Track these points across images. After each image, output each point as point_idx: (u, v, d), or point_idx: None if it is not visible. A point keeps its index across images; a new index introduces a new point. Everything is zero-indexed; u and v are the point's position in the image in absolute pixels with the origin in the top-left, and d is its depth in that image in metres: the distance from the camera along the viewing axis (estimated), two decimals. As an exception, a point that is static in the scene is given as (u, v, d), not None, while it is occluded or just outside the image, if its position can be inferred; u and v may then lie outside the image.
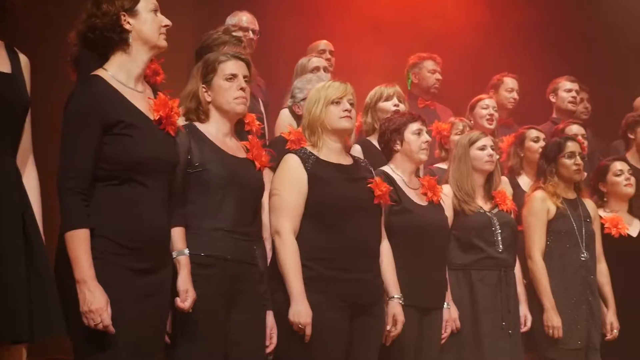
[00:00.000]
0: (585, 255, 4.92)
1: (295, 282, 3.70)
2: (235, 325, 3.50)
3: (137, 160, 3.20)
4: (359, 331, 3.83)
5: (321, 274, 3.76)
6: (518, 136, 5.55)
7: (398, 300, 4.01)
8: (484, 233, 4.67)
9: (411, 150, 4.42)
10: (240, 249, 3.56)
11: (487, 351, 4.53)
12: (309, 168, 3.85)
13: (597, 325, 4.90)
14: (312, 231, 3.80)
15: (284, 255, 3.74)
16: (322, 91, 3.98)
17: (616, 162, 5.34)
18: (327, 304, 3.73)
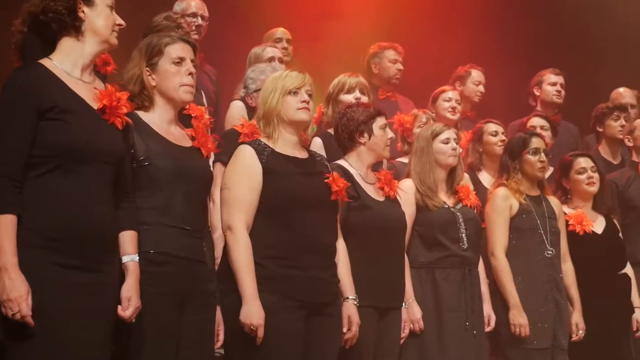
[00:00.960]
0: (551, 252, 4.91)
1: (248, 281, 3.63)
2: (186, 326, 3.43)
3: (70, 146, 3.12)
4: (315, 332, 3.77)
5: (275, 272, 3.70)
6: (476, 131, 5.53)
7: (353, 302, 3.96)
8: (448, 230, 4.64)
9: (377, 145, 4.37)
10: (192, 246, 3.49)
11: (451, 352, 4.50)
12: (263, 160, 3.78)
13: (564, 324, 4.88)
14: (266, 228, 3.73)
15: (236, 252, 3.67)
16: (279, 80, 3.91)
17: (580, 158, 5.30)
18: (281, 304, 3.67)
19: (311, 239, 3.77)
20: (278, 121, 3.87)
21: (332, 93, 4.95)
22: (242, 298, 3.61)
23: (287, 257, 3.72)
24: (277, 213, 3.74)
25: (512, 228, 4.90)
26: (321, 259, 3.82)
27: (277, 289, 3.68)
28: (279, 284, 3.69)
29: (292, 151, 3.89)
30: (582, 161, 5.28)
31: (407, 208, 4.54)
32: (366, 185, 4.35)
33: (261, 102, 3.94)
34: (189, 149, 3.58)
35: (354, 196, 4.21)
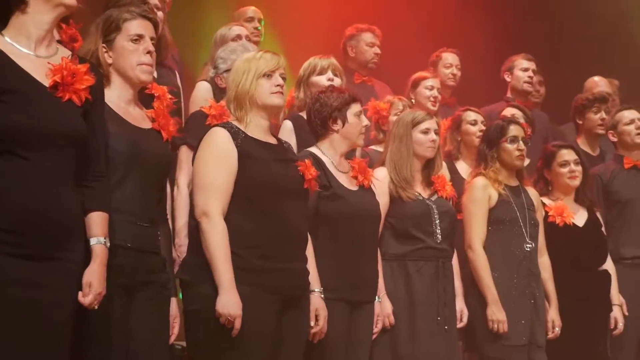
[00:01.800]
0: (531, 246, 4.87)
1: (225, 270, 3.55)
2: (136, 319, 3.37)
3: (12, 129, 2.97)
4: (285, 326, 3.72)
5: (252, 263, 3.63)
6: (454, 119, 5.47)
7: (319, 295, 3.92)
8: (422, 222, 4.59)
9: (351, 133, 4.30)
10: (143, 236, 3.41)
11: (423, 347, 4.47)
12: (239, 144, 3.70)
13: (541, 320, 4.86)
14: (241, 215, 3.66)
15: (213, 239, 3.58)
16: (253, 62, 3.83)
17: (563, 150, 5.26)
18: (256, 296, 3.60)
19: (286, 227, 3.71)
20: (250, 105, 3.79)
21: (304, 75, 4.89)
22: (219, 287, 3.54)
23: (265, 248, 3.66)
24: (253, 200, 3.67)
25: (491, 220, 4.86)
26: (297, 250, 3.78)
27: (253, 281, 3.61)
28: (256, 275, 3.63)
29: (263, 136, 3.82)
30: (565, 153, 5.24)
31: (381, 198, 4.48)
32: (339, 174, 4.28)
33: (232, 84, 3.85)
34: (147, 131, 3.50)
35: (325, 185, 4.15)
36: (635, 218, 5.52)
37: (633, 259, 5.46)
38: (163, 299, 3.49)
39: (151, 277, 3.42)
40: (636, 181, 5.61)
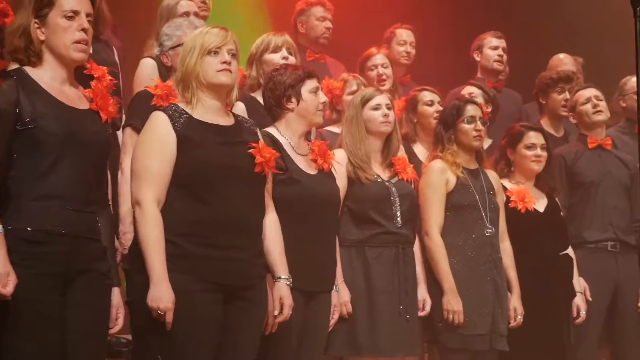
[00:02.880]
0: (491, 231, 4.85)
1: (156, 261, 3.50)
2: (73, 309, 3.32)
3: None
4: (233, 318, 3.66)
5: (189, 251, 3.57)
6: (409, 100, 5.41)
7: (285, 282, 3.86)
8: (381, 205, 4.55)
9: (307, 111, 4.24)
10: (78, 222, 3.34)
11: (382, 337, 4.44)
12: (178, 128, 3.63)
13: (503, 308, 4.84)
14: (180, 202, 3.60)
15: (144, 229, 3.53)
16: (199, 38, 3.74)
17: (531, 132, 5.22)
18: (194, 285, 3.55)
19: (230, 215, 3.63)
20: (197, 85, 3.71)
21: (256, 53, 4.82)
22: (150, 279, 3.50)
23: (203, 235, 3.59)
24: (191, 186, 3.61)
25: (449, 205, 4.82)
26: (242, 238, 3.69)
27: (190, 269, 3.56)
28: (193, 263, 3.57)
29: (213, 118, 3.73)
30: (533, 136, 5.20)
31: (340, 181, 4.43)
32: (297, 156, 4.24)
33: (179, 64, 3.78)
34: (84, 112, 3.42)
35: (281, 168, 4.09)
36: (600, 200, 5.52)
37: (596, 242, 5.46)
38: (103, 288, 3.44)
39: (90, 265, 3.36)
40: (601, 162, 5.61)
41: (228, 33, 3.76)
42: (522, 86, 6.51)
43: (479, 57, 6.44)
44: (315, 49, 6.25)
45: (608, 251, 5.44)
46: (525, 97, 6.53)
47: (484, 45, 6.41)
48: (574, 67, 6.68)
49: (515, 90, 6.59)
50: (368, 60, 5.77)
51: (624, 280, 5.36)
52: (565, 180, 5.52)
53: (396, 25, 6.45)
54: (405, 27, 6.44)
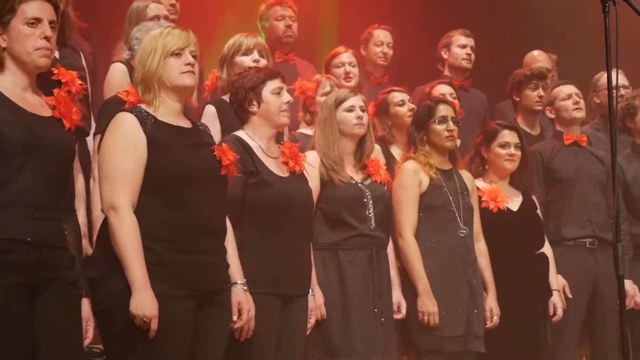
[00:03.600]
0: (465, 231, 4.87)
1: (137, 267, 3.47)
2: (40, 320, 3.29)
3: None
4: (205, 323, 3.65)
5: (165, 258, 3.56)
6: (379, 104, 5.41)
7: (242, 287, 3.85)
8: (354, 207, 4.55)
9: (270, 112, 4.24)
10: (44, 230, 3.31)
11: (358, 341, 4.44)
12: (147, 130, 3.62)
13: (479, 309, 4.85)
14: (152, 207, 3.58)
15: (123, 235, 3.50)
16: (160, 40, 3.73)
17: (506, 130, 5.25)
18: (170, 293, 3.54)
19: (204, 219, 3.64)
20: (159, 86, 3.71)
21: (227, 55, 4.83)
22: (132, 286, 3.46)
23: (179, 240, 3.58)
24: (164, 190, 3.59)
25: (422, 205, 4.84)
26: (214, 242, 3.71)
27: (167, 276, 3.54)
28: (170, 270, 3.55)
29: (175, 120, 3.73)
30: (507, 135, 5.22)
31: (312, 183, 4.44)
32: (267, 159, 4.24)
33: (139, 65, 3.77)
34: (47, 119, 3.40)
35: (252, 172, 4.10)
36: (577, 197, 5.54)
37: (575, 239, 5.49)
38: (72, 298, 3.41)
39: (57, 274, 3.33)
40: (577, 158, 5.64)
41: (190, 34, 3.76)
42: (496, 84, 6.54)
43: (446, 54, 6.46)
44: (282, 49, 6.26)
45: (586, 248, 5.47)
46: (498, 95, 6.55)
47: (452, 43, 6.45)
48: (548, 64, 6.72)
49: (488, 88, 6.62)
50: (335, 57, 5.78)
51: (602, 277, 5.38)
52: (542, 177, 5.54)
53: (373, 26, 6.47)
54: (382, 28, 6.45)
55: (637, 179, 5.71)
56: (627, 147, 5.87)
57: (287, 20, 6.25)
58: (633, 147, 5.83)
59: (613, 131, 3.55)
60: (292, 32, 6.27)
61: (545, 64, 6.66)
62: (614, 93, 3.53)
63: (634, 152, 5.81)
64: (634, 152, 5.81)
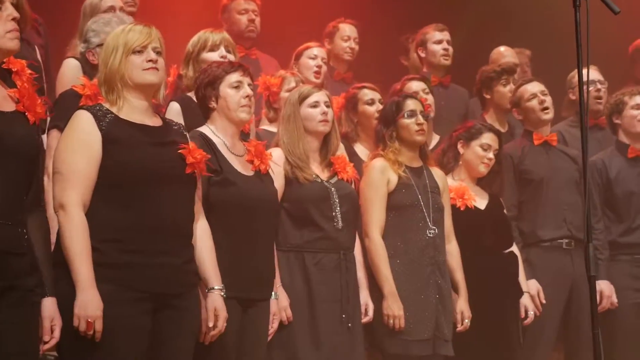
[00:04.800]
0: (434, 232, 4.85)
1: (83, 267, 3.45)
2: None
3: None
4: (163, 328, 3.62)
5: (115, 259, 3.53)
6: (349, 98, 5.38)
7: (219, 292, 3.83)
8: (320, 206, 4.54)
9: (228, 108, 4.22)
10: (2, 236, 3.26)
11: (324, 347, 4.43)
12: (103, 128, 3.59)
13: (447, 312, 4.84)
14: (105, 206, 3.56)
15: (70, 234, 3.49)
16: (121, 37, 3.71)
17: (490, 133, 5.24)
18: (122, 295, 3.51)
19: (160, 219, 3.60)
20: (122, 85, 3.69)
21: (193, 52, 4.79)
22: (77, 287, 3.45)
23: (130, 241, 3.55)
24: (118, 189, 3.57)
25: (390, 205, 4.82)
26: (171, 243, 3.66)
27: (116, 277, 3.52)
28: (119, 272, 3.53)
29: (140, 118, 3.71)
30: (490, 138, 5.22)
31: (277, 181, 4.42)
32: (232, 157, 4.20)
33: (101, 65, 3.75)
34: (10, 114, 3.35)
35: (216, 170, 4.06)
36: (551, 197, 5.55)
37: (551, 240, 5.50)
38: (29, 305, 3.35)
39: (15, 282, 3.28)
40: (548, 158, 5.64)
41: (152, 30, 3.74)
42: (468, 81, 6.55)
43: (423, 53, 6.45)
44: (244, 44, 6.23)
45: (563, 249, 5.49)
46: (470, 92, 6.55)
47: (428, 41, 6.42)
48: (516, 60, 6.73)
49: (460, 85, 6.62)
50: (309, 49, 5.79)
51: (579, 278, 5.38)
52: (513, 178, 5.53)
53: (339, 20, 6.45)
54: (348, 22, 6.44)
55: (619, 176, 5.73)
56: (608, 144, 5.90)
57: (250, 14, 6.24)
58: (617, 144, 5.85)
59: (584, 127, 3.55)
60: (254, 27, 6.26)
61: (512, 59, 6.68)
62: (585, 88, 3.51)
63: (617, 149, 5.83)
64: (617, 149, 5.83)
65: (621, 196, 5.70)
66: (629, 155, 5.78)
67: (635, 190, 5.70)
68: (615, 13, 3.58)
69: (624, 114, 5.81)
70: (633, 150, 5.78)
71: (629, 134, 5.81)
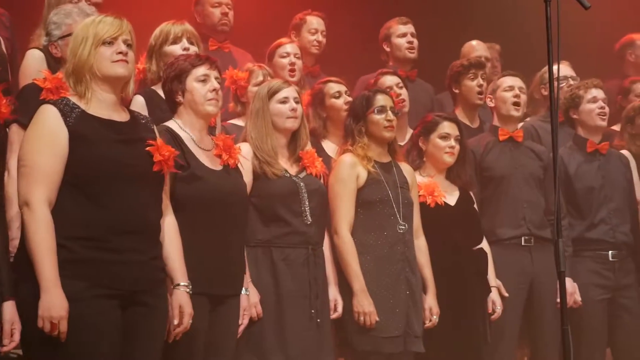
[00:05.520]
0: (404, 227, 4.85)
1: (47, 267, 3.42)
2: None
3: None
4: (132, 325, 3.60)
5: (83, 256, 3.51)
6: (315, 93, 5.35)
7: (185, 289, 3.81)
8: (289, 201, 4.53)
9: (195, 102, 4.19)
10: None
11: (292, 344, 4.42)
12: (70, 123, 3.56)
13: (418, 309, 4.84)
14: (72, 203, 3.53)
15: (34, 232, 3.46)
16: (91, 27, 3.67)
17: (446, 122, 5.22)
18: (90, 292, 3.49)
19: (127, 216, 3.58)
20: (90, 77, 3.66)
21: (155, 45, 4.76)
22: (41, 286, 3.42)
23: (97, 238, 3.53)
24: (85, 186, 3.54)
25: (360, 201, 4.81)
26: (139, 240, 3.64)
27: (84, 274, 3.49)
28: (87, 268, 3.50)
29: (108, 113, 3.67)
30: (448, 126, 5.20)
31: (245, 176, 4.39)
32: (199, 151, 4.18)
33: (70, 55, 3.71)
34: None
35: (183, 165, 4.03)
36: (511, 195, 5.53)
37: (510, 239, 5.48)
38: None
39: None
40: (511, 155, 5.62)
41: (123, 22, 3.71)
42: (438, 76, 6.54)
43: (388, 47, 6.45)
44: (217, 37, 6.21)
45: (522, 246, 5.47)
46: (440, 87, 6.54)
47: (392, 35, 6.43)
48: (487, 54, 6.74)
49: (429, 80, 6.61)
50: (280, 47, 5.76)
51: (539, 275, 5.40)
52: (474, 175, 5.49)
53: (306, 12, 6.42)
54: (315, 15, 6.42)
55: (579, 171, 5.73)
56: (569, 139, 5.92)
57: (223, 8, 6.22)
58: (575, 139, 5.86)
59: (554, 123, 3.55)
60: (227, 20, 6.23)
61: (483, 53, 6.68)
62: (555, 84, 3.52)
63: (576, 144, 5.84)
64: (576, 144, 5.84)
65: (581, 192, 5.71)
66: (587, 149, 5.78)
67: (595, 186, 5.72)
68: (585, 8, 3.59)
69: (581, 108, 5.81)
70: (592, 144, 5.79)
71: (587, 127, 5.80)
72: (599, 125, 5.79)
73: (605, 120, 5.81)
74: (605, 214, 5.69)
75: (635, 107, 6.04)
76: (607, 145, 5.84)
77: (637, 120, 6.07)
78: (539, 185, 5.61)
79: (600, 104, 5.77)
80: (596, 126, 5.79)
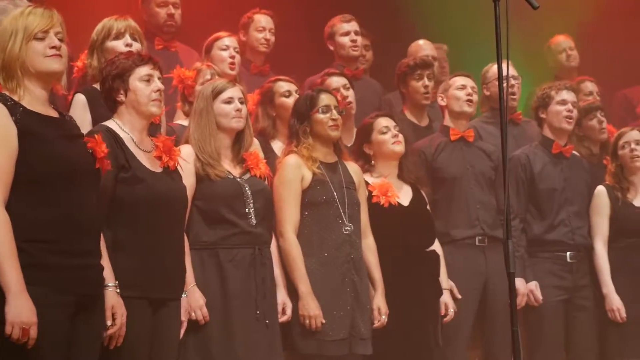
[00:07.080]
0: (350, 228, 4.83)
1: (12, 271, 3.35)
2: None
3: None
4: (77, 330, 3.55)
5: (43, 259, 3.44)
6: (264, 92, 5.33)
7: (114, 289, 3.78)
8: (233, 203, 4.49)
9: (138, 102, 4.12)
10: None
11: (239, 346, 4.39)
12: (18, 120, 3.48)
13: (364, 310, 4.83)
14: (24, 204, 3.45)
15: None
16: (20, 20, 3.58)
17: (380, 118, 5.24)
18: (52, 298, 3.43)
19: (83, 217, 3.54)
20: (22, 73, 3.57)
21: (96, 40, 4.69)
22: (6, 292, 3.34)
23: (57, 241, 3.48)
24: (40, 185, 3.47)
25: (305, 202, 4.80)
26: (93, 242, 3.63)
27: (45, 280, 3.43)
28: (46, 274, 3.44)
29: (43, 109, 3.60)
30: (383, 121, 5.21)
31: (187, 179, 4.35)
32: (139, 152, 4.11)
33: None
34: None
35: (124, 166, 3.98)
36: (464, 196, 5.56)
37: (464, 239, 5.50)
38: None
39: None
40: (462, 155, 5.65)
41: (54, 14, 3.63)
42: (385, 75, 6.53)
43: (332, 46, 6.45)
44: (164, 36, 6.15)
45: (476, 246, 5.50)
46: (388, 86, 6.55)
47: (335, 33, 6.44)
48: (435, 53, 6.75)
49: (379, 80, 6.61)
50: (218, 40, 5.71)
51: (493, 275, 5.42)
52: (426, 175, 5.50)
53: (254, 11, 6.39)
54: (263, 13, 6.38)
55: (543, 171, 5.77)
56: (524, 140, 5.94)
57: (169, 8, 6.16)
58: (542, 139, 5.90)
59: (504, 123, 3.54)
60: (174, 22, 6.18)
61: (430, 53, 6.68)
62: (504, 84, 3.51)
63: (542, 144, 5.87)
64: (542, 144, 5.87)
65: (544, 192, 5.74)
66: (553, 150, 5.83)
67: (557, 187, 5.76)
68: (534, 8, 3.59)
69: (550, 108, 5.85)
70: (557, 146, 5.83)
71: (553, 129, 5.85)
72: (564, 128, 5.84)
73: (571, 124, 5.85)
74: (565, 216, 5.74)
75: (581, 109, 6.08)
76: (571, 149, 5.90)
77: (584, 122, 6.13)
78: (490, 186, 5.64)
79: (568, 107, 5.82)
80: (561, 128, 5.84)
